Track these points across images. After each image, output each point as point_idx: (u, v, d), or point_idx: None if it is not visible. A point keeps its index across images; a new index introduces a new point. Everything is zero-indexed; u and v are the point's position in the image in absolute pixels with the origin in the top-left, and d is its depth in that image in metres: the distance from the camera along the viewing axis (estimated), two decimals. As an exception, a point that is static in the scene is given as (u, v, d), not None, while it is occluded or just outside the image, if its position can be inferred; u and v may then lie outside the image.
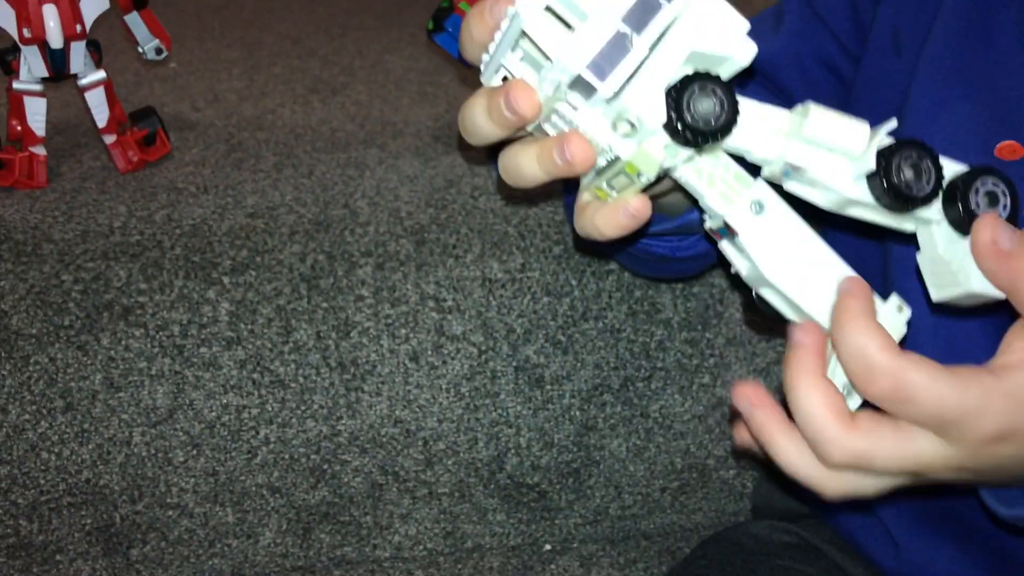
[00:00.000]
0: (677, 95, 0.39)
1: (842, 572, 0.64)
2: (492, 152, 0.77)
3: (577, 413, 0.73)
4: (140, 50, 0.76)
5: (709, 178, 0.44)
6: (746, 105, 0.42)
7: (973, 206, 0.42)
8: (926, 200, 0.41)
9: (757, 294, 0.45)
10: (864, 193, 0.42)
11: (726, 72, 0.41)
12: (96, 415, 0.67)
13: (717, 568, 0.65)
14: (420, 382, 0.70)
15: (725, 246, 0.45)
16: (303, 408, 0.69)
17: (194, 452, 0.69)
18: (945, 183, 0.42)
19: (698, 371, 0.74)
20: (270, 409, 0.69)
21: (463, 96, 0.96)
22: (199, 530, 0.71)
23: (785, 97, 0.65)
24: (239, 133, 0.86)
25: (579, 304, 0.71)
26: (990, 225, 0.41)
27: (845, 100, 0.64)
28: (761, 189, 0.43)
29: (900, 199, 0.41)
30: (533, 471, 0.74)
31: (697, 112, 0.39)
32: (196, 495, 0.70)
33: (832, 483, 0.41)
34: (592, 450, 0.74)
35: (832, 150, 0.42)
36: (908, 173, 0.41)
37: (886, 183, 0.41)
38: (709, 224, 0.45)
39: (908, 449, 0.39)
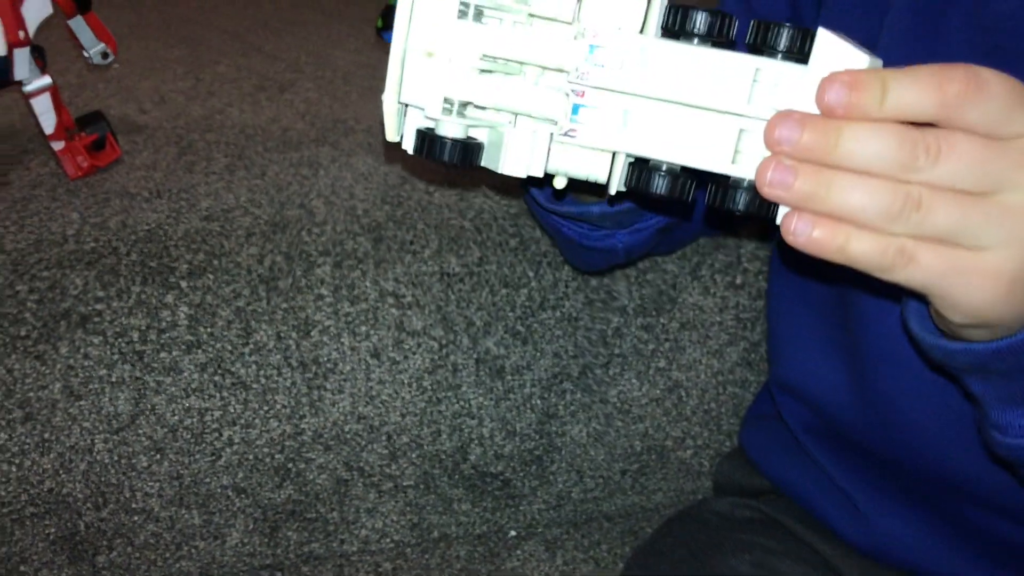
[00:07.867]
0: None
1: (804, 544, 0.66)
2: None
3: (538, 402, 0.74)
4: (86, 54, 0.75)
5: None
6: None
7: None
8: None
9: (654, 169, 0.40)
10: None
11: None
12: (56, 424, 0.67)
13: (683, 545, 0.66)
14: (382, 378, 0.70)
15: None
16: (266, 408, 0.69)
17: (158, 457, 0.69)
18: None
19: (654, 356, 0.75)
20: (233, 411, 0.69)
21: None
22: (165, 533, 0.71)
23: None
24: (188, 135, 0.85)
25: (536, 295, 0.72)
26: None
27: None
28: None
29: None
30: (496, 460, 0.75)
31: None
32: (161, 499, 0.70)
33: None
34: (553, 437, 0.75)
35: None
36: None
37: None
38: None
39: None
